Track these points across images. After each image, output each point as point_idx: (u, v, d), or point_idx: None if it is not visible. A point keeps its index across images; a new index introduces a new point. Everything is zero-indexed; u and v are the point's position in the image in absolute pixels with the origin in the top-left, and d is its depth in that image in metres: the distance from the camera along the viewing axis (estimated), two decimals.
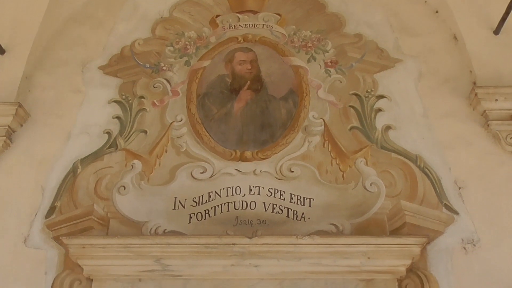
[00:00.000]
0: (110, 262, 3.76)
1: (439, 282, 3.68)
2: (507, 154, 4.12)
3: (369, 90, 4.48)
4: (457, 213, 3.93)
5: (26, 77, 4.64)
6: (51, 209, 4.08)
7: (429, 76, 4.54)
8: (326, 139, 4.29)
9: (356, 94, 4.47)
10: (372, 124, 4.33)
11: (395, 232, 3.87)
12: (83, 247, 3.76)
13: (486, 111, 4.20)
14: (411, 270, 3.71)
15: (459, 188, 4.03)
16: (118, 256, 3.74)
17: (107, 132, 4.41)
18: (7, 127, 4.30)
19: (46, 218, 4.05)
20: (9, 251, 3.93)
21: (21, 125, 4.46)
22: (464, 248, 3.81)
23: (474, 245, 3.82)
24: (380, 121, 4.34)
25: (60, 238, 3.85)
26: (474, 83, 4.34)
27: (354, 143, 4.25)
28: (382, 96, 4.45)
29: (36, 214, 4.07)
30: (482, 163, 4.13)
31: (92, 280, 3.77)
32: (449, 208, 3.95)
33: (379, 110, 4.39)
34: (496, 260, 3.75)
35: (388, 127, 4.31)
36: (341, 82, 4.54)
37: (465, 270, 3.73)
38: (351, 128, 4.33)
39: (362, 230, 3.88)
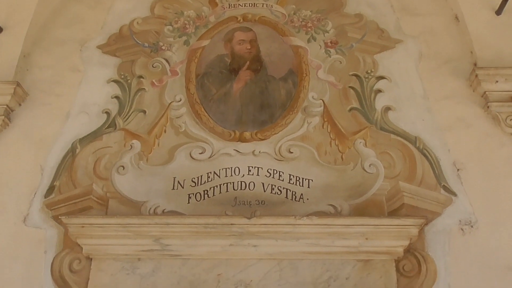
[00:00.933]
0: (109, 242, 3.78)
1: (436, 262, 3.71)
2: (506, 136, 4.12)
3: (369, 71, 4.45)
4: (455, 195, 3.94)
5: (24, 56, 4.61)
6: (50, 189, 4.09)
7: (429, 57, 4.51)
8: (325, 120, 4.28)
9: (356, 75, 4.44)
10: (371, 105, 4.32)
11: (393, 213, 3.89)
12: (82, 227, 3.77)
13: (486, 93, 4.18)
14: (408, 251, 3.73)
15: (458, 169, 4.04)
16: (117, 235, 3.76)
17: (106, 112, 4.39)
18: (5, 106, 4.28)
19: (45, 197, 4.06)
20: (9, 230, 3.95)
21: (20, 104, 4.44)
22: (462, 230, 3.83)
23: (472, 226, 3.83)
24: (380, 102, 4.33)
25: (59, 217, 3.87)
26: (475, 64, 4.32)
27: (354, 124, 4.25)
28: (382, 77, 4.43)
29: (35, 194, 4.08)
30: (482, 145, 4.12)
31: (91, 259, 3.79)
32: (448, 189, 3.96)
33: (379, 91, 4.37)
34: (493, 241, 3.78)
35: (387, 108, 4.30)
36: (341, 62, 4.52)
37: (462, 251, 3.76)
38: (351, 109, 4.32)
39: (360, 211, 3.90)
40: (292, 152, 4.14)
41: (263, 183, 4.02)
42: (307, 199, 3.95)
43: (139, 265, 3.76)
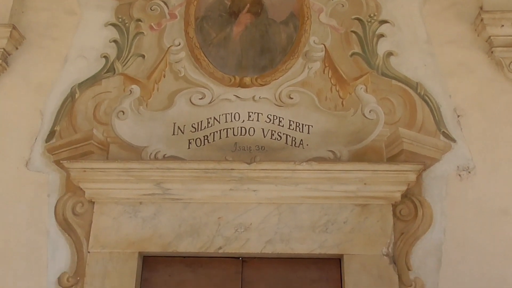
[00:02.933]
0: (111, 186, 3.83)
1: (432, 207, 3.78)
2: (509, 82, 4.09)
3: (372, 15, 4.36)
4: (454, 141, 3.96)
5: None
6: (51, 134, 4.10)
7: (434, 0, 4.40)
8: (326, 65, 4.23)
9: (358, 19, 4.35)
10: (373, 50, 4.26)
11: (392, 159, 3.92)
12: (84, 171, 3.81)
13: (491, 37, 4.12)
14: (406, 196, 3.79)
15: (458, 116, 4.04)
16: (118, 180, 3.81)
17: (104, 56, 4.34)
18: (2, 49, 4.22)
19: (46, 142, 4.07)
20: (11, 174, 3.99)
21: (16, 48, 4.38)
22: (459, 175, 3.87)
23: (469, 172, 3.87)
24: (382, 47, 4.27)
25: (61, 162, 3.90)
26: (481, 8, 4.22)
27: (355, 70, 4.20)
28: (384, 21, 4.34)
29: (36, 138, 4.09)
30: (483, 91, 4.10)
31: (94, 202, 3.86)
32: (447, 135, 3.98)
33: (381, 35, 4.30)
34: (490, 187, 3.83)
35: (389, 53, 4.24)
36: (343, 5, 4.41)
37: (458, 196, 3.82)
38: (352, 54, 4.26)
39: (359, 156, 3.93)
40: (292, 98, 4.12)
41: (263, 129, 4.03)
42: (307, 144, 3.97)
43: (141, 209, 3.83)
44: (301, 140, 3.99)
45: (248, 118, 4.06)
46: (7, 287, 3.68)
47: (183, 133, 4.04)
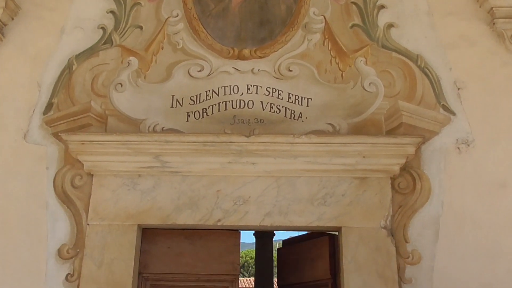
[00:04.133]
0: (110, 158, 3.83)
1: (431, 180, 3.79)
2: (510, 54, 4.06)
3: None
4: (454, 114, 3.95)
5: None
6: (49, 106, 4.08)
7: None
8: (326, 37, 4.18)
9: None
10: (374, 22, 4.21)
11: (391, 132, 3.91)
12: (82, 143, 3.80)
13: (493, 9, 4.06)
14: (404, 168, 3.80)
15: (458, 88, 4.02)
16: (117, 152, 3.80)
17: (102, 28, 4.28)
18: None
19: (44, 114, 4.05)
20: (10, 147, 3.98)
21: (12, 18, 4.31)
22: (458, 148, 3.88)
23: (468, 145, 3.87)
24: (383, 19, 4.22)
25: (59, 134, 3.89)
26: None
27: (355, 42, 4.16)
28: None
29: (33, 111, 4.07)
30: (484, 63, 4.07)
31: (92, 175, 3.86)
32: (447, 108, 3.97)
33: (382, 7, 4.24)
34: (488, 160, 3.84)
35: (390, 25, 4.19)
36: None
37: (457, 169, 3.83)
38: (352, 25, 4.21)
39: (358, 129, 3.92)
40: (291, 70, 4.09)
41: (262, 102, 4.01)
42: (306, 117, 3.96)
43: (139, 181, 3.84)
44: (300, 113, 3.97)
45: (247, 91, 4.04)
46: (7, 259, 3.71)
47: (181, 105, 4.02)
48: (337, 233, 3.87)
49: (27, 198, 3.85)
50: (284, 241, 4.87)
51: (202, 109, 4.00)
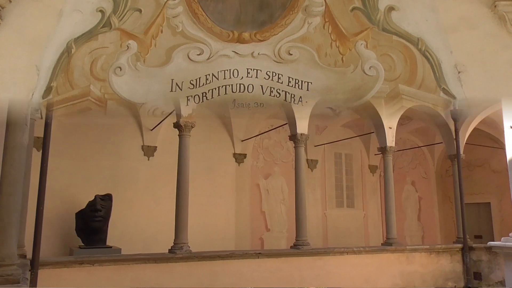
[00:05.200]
0: None
1: None
2: (511, 37, 4.01)
3: None
4: (454, 97, 3.94)
5: None
6: (48, 90, 4.04)
7: None
8: (326, 20, 4.15)
9: None
10: (375, 5, 4.16)
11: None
12: None
13: None
14: None
15: (459, 72, 4.00)
16: None
17: (100, 11, 4.21)
18: None
19: (43, 98, 4.03)
20: None
21: (10, 1, 4.24)
22: None
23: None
24: (383, 2, 4.16)
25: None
26: None
27: (355, 25, 4.13)
28: None
29: (32, 94, 4.04)
30: (485, 46, 4.04)
31: None
32: (447, 92, 3.96)
33: None
34: None
35: (391, 8, 4.15)
36: None
37: None
38: (353, 9, 4.16)
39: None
40: (291, 54, 4.07)
41: (262, 86, 4.00)
42: (306, 102, 3.95)
43: None
44: (300, 97, 3.96)
45: (247, 75, 4.03)
46: None
47: (181, 89, 4.00)
48: None
49: None
50: None
51: (202, 93, 3.98)
